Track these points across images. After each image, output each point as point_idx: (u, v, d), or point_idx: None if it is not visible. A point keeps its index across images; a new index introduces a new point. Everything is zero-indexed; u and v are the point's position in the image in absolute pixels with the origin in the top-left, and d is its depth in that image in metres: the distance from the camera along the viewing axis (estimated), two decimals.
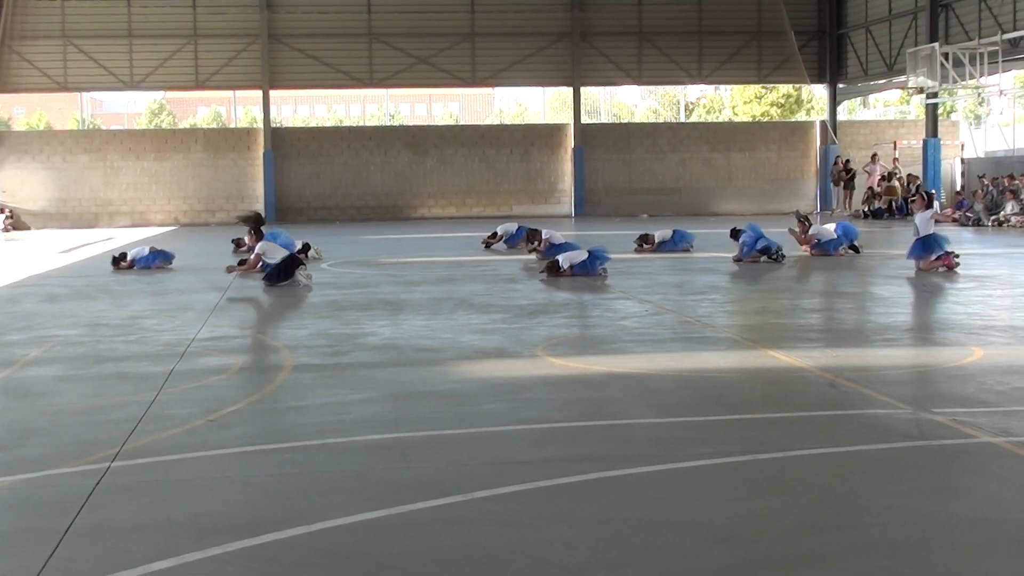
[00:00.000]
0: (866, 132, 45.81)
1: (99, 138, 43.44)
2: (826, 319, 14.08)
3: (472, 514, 5.89)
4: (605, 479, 6.46)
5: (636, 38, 43.43)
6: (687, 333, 12.34)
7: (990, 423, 7.64)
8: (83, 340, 12.40)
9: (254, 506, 6.10)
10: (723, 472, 6.65)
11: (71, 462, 7.00)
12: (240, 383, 9.71)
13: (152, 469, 6.88)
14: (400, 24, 42.33)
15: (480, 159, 43.51)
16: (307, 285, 17.64)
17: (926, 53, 35.24)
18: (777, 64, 44.20)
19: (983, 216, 32.74)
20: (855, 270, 19.57)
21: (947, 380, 9.51)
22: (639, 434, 7.69)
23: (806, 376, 9.61)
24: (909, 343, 11.96)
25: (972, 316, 13.47)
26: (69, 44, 41.19)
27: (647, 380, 9.61)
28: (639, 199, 43.04)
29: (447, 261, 22.72)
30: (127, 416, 8.26)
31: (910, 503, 5.95)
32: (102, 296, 17.02)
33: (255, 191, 42.29)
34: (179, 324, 13.58)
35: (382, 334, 12.43)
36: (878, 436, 7.40)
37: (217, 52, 41.91)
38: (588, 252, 18.74)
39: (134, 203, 41.63)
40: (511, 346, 11.52)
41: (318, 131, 49.73)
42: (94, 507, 6.07)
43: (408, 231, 34.66)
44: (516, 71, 43.23)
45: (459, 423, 7.98)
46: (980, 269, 19.16)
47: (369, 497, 6.18)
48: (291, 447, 7.36)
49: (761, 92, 69.21)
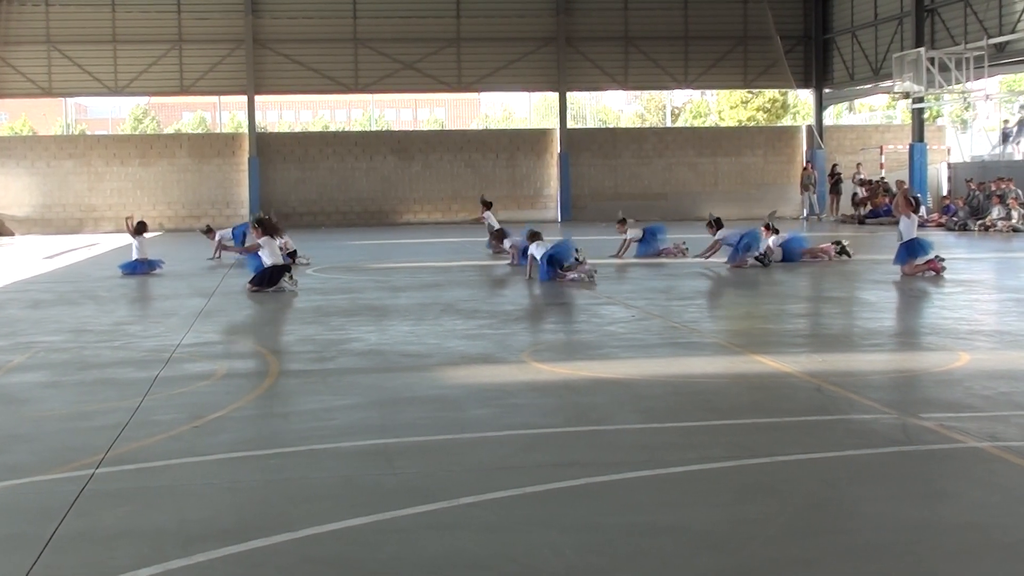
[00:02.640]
0: (852, 137, 45.92)
1: (83, 143, 43.32)
2: (813, 324, 14.11)
3: (458, 520, 5.89)
4: (592, 485, 6.46)
5: (622, 43, 43.47)
6: (674, 338, 12.35)
7: (977, 428, 7.66)
8: (67, 346, 12.36)
9: (240, 513, 6.09)
10: (710, 477, 6.65)
11: (55, 469, 6.97)
12: (225, 389, 9.68)
13: (137, 476, 6.86)
14: (385, 29, 42.30)
15: (466, 164, 43.50)
16: (292, 290, 17.61)
17: (912, 58, 35.37)
18: (763, 69, 44.28)
19: (969, 220, 32.82)
20: (841, 275, 19.61)
21: (934, 385, 9.53)
22: (626, 440, 7.69)
23: (793, 381, 9.62)
24: (895, 348, 11.98)
25: (959, 321, 13.51)
26: (53, 49, 41.07)
27: (634, 385, 9.61)
28: (625, 204, 42.63)
29: (433, 266, 22.70)
30: (112, 422, 8.24)
31: (897, 508, 5.95)
32: (87, 302, 16.97)
33: (240, 196, 42.21)
34: (164, 330, 13.55)
35: (368, 340, 12.41)
36: (865, 441, 7.42)
37: (202, 57, 41.81)
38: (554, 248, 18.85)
39: (118, 209, 41.43)
40: (497, 351, 11.52)
41: (303, 136, 49.65)
42: (79, 514, 6.05)
43: (394, 236, 34.62)
44: (502, 76, 43.24)
45: (445, 429, 7.98)
46: (966, 274, 19.21)
47: (355, 503, 6.18)
48: (277, 453, 7.35)
49: (747, 97, 69.26)
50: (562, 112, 44.11)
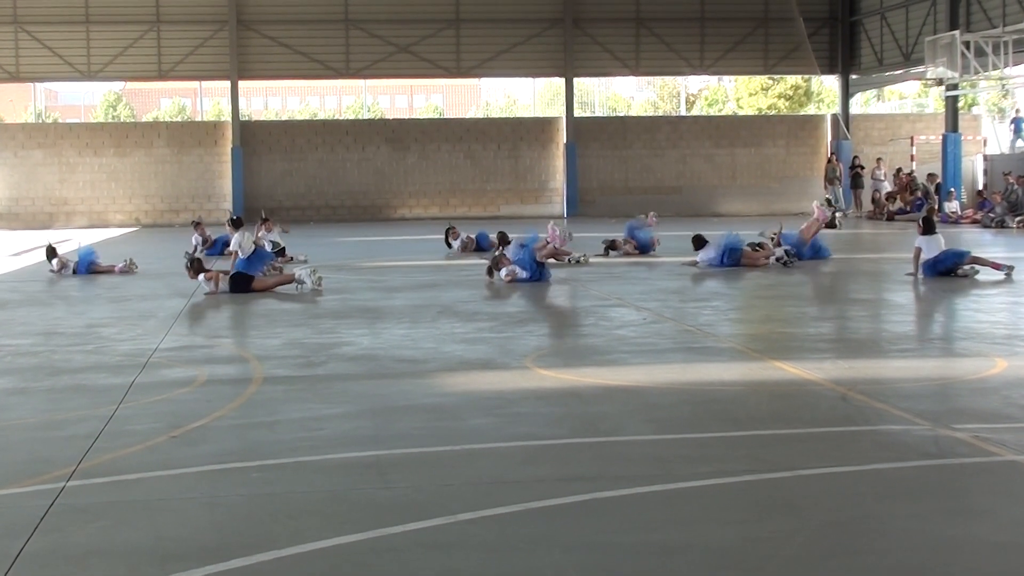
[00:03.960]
0: (881, 127, 45.92)
1: (54, 132, 43.39)
2: (837, 328, 14.09)
3: (456, 538, 5.89)
4: (599, 500, 6.47)
5: (633, 25, 43.47)
6: (688, 343, 12.36)
7: (1015, 440, 7.66)
8: (36, 350, 12.37)
9: (220, 529, 6.10)
10: (726, 493, 6.65)
11: (23, 482, 6.98)
12: (206, 396, 9.69)
13: (110, 489, 6.87)
14: (379, 10, 42.32)
15: (465, 155, 43.53)
16: (317, 289, 17.64)
17: (946, 42, 35.31)
18: (785, 53, 44.24)
19: (1007, 217, 32.80)
20: (868, 275, 19.60)
21: (968, 394, 9.53)
22: (636, 452, 7.69)
23: (816, 389, 9.62)
24: (927, 354, 11.98)
25: (995, 324, 13.51)
26: (21, 30, 41.10)
27: (645, 394, 9.62)
28: (636, 198, 42.89)
29: (430, 265, 22.72)
30: (84, 432, 8.24)
31: (928, 526, 5.96)
32: (57, 302, 16.99)
33: (223, 189, 42.25)
34: (140, 333, 13.55)
35: (360, 344, 12.42)
36: (893, 454, 7.42)
37: (182, 39, 41.82)
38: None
39: (92, 202, 41.55)
40: (498, 357, 11.52)
41: (290, 125, 49.72)
42: (47, 530, 6.06)
43: (388, 232, 34.65)
44: (504, 60, 43.25)
45: (442, 440, 7.98)
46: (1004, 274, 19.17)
47: (345, 520, 6.18)
48: (261, 466, 7.36)
49: (768, 83, 69.26)
50: (568, 99, 44.11)
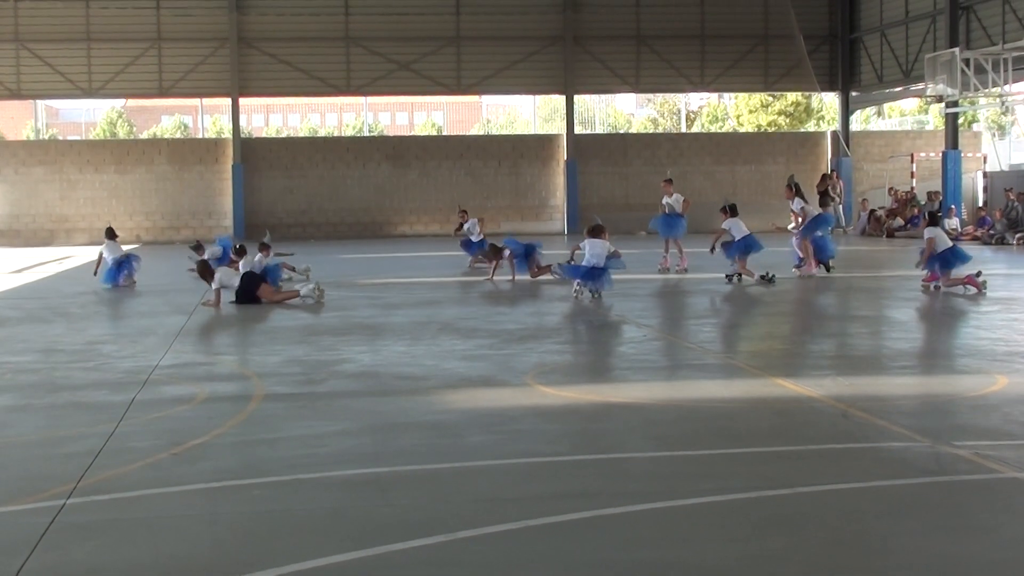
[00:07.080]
0: (881, 143, 45.96)
1: (55, 149, 43.43)
2: (838, 344, 14.09)
3: (456, 556, 5.88)
4: (600, 518, 6.46)
5: (634, 42, 43.53)
6: (688, 360, 12.35)
7: (1015, 457, 7.64)
8: (37, 367, 12.37)
9: (220, 547, 6.09)
10: (727, 510, 6.65)
11: (23, 499, 6.97)
12: (206, 414, 9.68)
13: (111, 507, 6.86)
14: (380, 27, 42.38)
15: (466, 172, 43.55)
16: (319, 301, 18.31)
17: (946, 59, 35.35)
18: (785, 70, 44.30)
19: (1007, 234, 32.80)
20: (868, 292, 19.60)
21: (969, 411, 9.52)
22: (636, 469, 7.69)
23: (816, 406, 9.62)
24: (927, 370, 11.98)
25: (996, 341, 13.49)
26: (22, 48, 41.16)
27: (645, 410, 9.61)
28: (637, 215, 42.65)
29: (430, 282, 22.71)
30: (84, 449, 8.23)
31: (929, 544, 5.95)
32: (58, 319, 16.98)
33: (223, 206, 42.27)
34: (141, 350, 13.55)
35: (360, 361, 12.42)
36: (894, 471, 7.41)
37: (183, 57, 41.88)
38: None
39: (92, 219, 41.53)
40: (499, 374, 11.52)
41: (291, 142, 49.78)
42: (47, 548, 6.05)
43: (388, 249, 34.65)
44: (504, 78, 43.31)
45: (442, 457, 7.98)
46: (1004, 291, 19.16)
47: (345, 537, 6.17)
48: (261, 483, 7.35)
49: (768, 100, 69.36)
50: (569, 116, 44.18)
